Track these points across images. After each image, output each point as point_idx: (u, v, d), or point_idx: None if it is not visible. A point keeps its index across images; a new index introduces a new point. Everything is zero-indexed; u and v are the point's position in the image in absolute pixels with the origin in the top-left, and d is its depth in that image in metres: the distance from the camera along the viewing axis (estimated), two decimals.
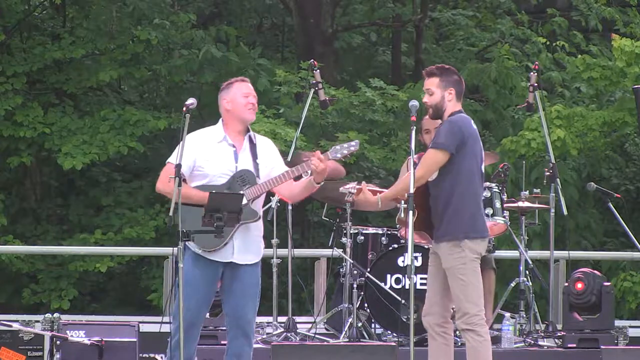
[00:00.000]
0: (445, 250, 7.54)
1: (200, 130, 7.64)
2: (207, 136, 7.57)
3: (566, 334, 9.51)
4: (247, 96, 7.65)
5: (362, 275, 9.50)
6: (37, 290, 16.94)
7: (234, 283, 7.41)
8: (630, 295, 14.81)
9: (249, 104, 7.64)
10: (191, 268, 7.32)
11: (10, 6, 17.25)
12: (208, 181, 7.43)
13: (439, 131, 7.61)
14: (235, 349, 7.46)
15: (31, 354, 9.45)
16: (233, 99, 7.60)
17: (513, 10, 18.53)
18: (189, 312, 7.29)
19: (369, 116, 16.24)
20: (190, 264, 7.33)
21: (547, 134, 10.43)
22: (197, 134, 7.58)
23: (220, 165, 7.47)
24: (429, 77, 7.67)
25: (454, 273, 7.51)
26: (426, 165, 7.51)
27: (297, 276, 10.19)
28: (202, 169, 7.45)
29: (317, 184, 7.45)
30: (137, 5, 17.14)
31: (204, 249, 7.35)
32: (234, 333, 7.45)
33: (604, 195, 9.93)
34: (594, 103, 15.98)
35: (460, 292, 7.49)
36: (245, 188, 7.43)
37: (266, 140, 7.74)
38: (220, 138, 7.54)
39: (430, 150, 7.56)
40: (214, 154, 7.48)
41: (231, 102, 7.60)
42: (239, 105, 7.60)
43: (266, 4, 20.11)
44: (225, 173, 7.44)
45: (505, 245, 12.37)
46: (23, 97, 16.79)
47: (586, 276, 9.66)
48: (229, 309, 7.45)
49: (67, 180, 18.35)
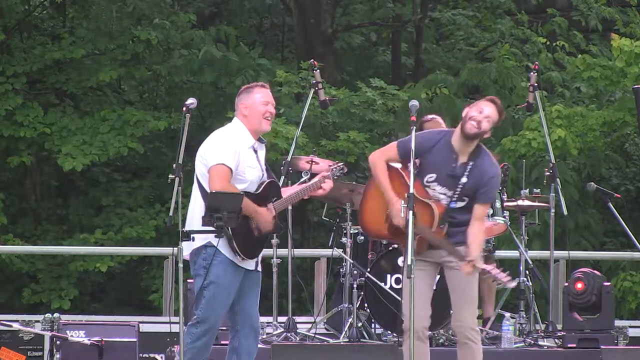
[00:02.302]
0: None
1: (231, 130, 7.41)
2: (241, 140, 7.36)
3: (566, 334, 9.50)
4: (267, 104, 7.43)
5: (362, 275, 9.50)
6: (37, 290, 16.94)
7: (251, 287, 7.44)
8: (630, 295, 14.81)
9: (268, 112, 7.42)
10: (223, 273, 7.28)
11: (10, 6, 17.26)
12: (247, 187, 7.32)
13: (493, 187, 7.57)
14: (247, 347, 7.47)
15: (31, 354, 9.46)
16: (252, 106, 7.41)
17: (513, 10, 18.52)
18: (220, 318, 7.34)
19: (369, 116, 16.24)
20: (222, 269, 7.26)
21: (547, 134, 10.43)
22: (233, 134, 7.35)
23: (255, 172, 7.38)
24: (496, 109, 7.67)
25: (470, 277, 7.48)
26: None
27: (297, 276, 10.18)
28: (244, 174, 7.32)
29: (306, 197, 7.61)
30: (137, 5, 17.14)
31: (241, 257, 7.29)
32: (246, 332, 7.45)
33: (604, 195, 9.93)
34: (594, 103, 15.98)
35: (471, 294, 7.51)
36: (273, 200, 7.41)
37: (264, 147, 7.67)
38: (250, 143, 7.40)
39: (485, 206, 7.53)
40: (250, 160, 7.37)
41: (249, 108, 7.41)
42: (257, 113, 7.39)
43: (266, 4, 20.11)
44: (256, 181, 7.38)
45: (505, 245, 12.37)
46: (23, 97, 16.80)
47: (586, 276, 9.65)
48: (242, 309, 7.44)
49: (67, 180, 18.35)
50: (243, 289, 7.41)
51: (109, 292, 18.47)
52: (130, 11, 17.26)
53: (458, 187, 7.44)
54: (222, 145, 7.24)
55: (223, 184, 7.15)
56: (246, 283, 7.41)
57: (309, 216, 18.07)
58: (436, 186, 7.48)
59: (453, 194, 7.46)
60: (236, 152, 7.24)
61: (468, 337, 7.49)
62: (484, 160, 7.52)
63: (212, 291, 7.24)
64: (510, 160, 14.29)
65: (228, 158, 7.20)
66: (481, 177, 7.45)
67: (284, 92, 16.26)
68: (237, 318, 7.47)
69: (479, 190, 7.45)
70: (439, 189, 7.48)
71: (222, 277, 7.26)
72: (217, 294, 7.24)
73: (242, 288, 7.41)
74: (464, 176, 7.44)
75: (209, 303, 7.25)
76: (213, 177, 7.13)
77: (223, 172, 7.18)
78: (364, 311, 9.65)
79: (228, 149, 7.21)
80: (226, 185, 7.16)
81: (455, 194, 7.45)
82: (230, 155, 7.21)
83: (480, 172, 7.46)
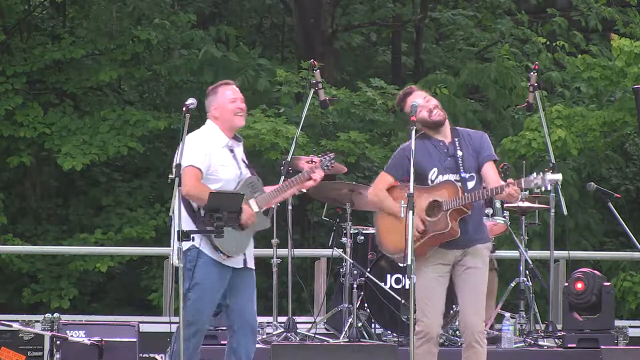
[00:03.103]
0: (482, 252, 7.55)
1: (201, 132, 7.51)
2: (214, 140, 7.44)
3: (566, 334, 9.50)
4: (234, 101, 7.48)
5: (362, 275, 9.50)
6: (37, 290, 16.94)
7: (243, 285, 7.45)
8: (630, 295, 14.81)
9: (237, 108, 7.47)
10: (208, 274, 7.30)
11: (10, 6, 17.26)
12: (222, 186, 7.36)
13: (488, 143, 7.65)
14: (246, 347, 7.47)
15: (31, 354, 9.45)
16: (220, 106, 7.47)
17: (513, 10, 18.52)
18: (207, 318, 7.35)
19: (370, 116, 16.25)
20: (206, 270, 7.30)
21: (547, 134, 10.42)
22: (204, 136, 7.45)
23: (231, 170, 7.41)
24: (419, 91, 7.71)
25: (484, 277, 7.52)
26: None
27: (297, 276, 10.18)
28: (217, 173, 7.37)
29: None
30: (137, 5, 17.14)
31: (225, 255, 7.30)
32: (244, 332, 7.45)
33: (604, 195, 9.92)
34: (594, 103, 15.98)
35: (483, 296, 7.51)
36: (255, 195, 7.42)
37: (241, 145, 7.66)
38: (224, 142, 7.46)
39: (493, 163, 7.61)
40: (224, 158, 7.42)
41: (218, 108, 7.48)
42: (227, 112, 7.45)
43: (266, 4, 20.11)
44: (234, 179, 7.39)
45: (505, 245, 12.37)
46: (23, 97, 16.79)
47: (586, 276, 9.65)
48: (237, 308, 7.44)
49: (67, 180, 18.35)
50: (236, 288, 7.42)
51: (109, 292, 18.47)
52: (130, 11, 17.25)
53: (459, 163, 7.51)
54: (192, 147, 7.29)
55: (193, 184, 7.22)
56: (238, 282, 7.42)
57: (309, 216, 18.07)
58: (442, 178, 7.53)
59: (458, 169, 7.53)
60: (206, 154, 7.31)
61: (477, 339, 7.43)
62: (465, 131, 7.71)
63: (197, 293, 7.27)
64: (510, 160, 14.28)
65: (197, 159, 7.27)
66: (472, 142, 7.59)
67: (284, 92, 16.27)
68: (233, 318, 7.47)
69: (480, 153, 7.57)
70: (446, 178, 7.52)
71: (207, 278, 7.28)
72: (203, 295, 7.27)
73: (235, 287, 7.41)
74: (458, 150, 7.54)
75: (195, 305, 7.27)
76: (183, 178, 7.16)
77: (192, 173, 7.25)
78: (364, 311, 9.65)
79: (197, 151, 7.28)
80: (196, 184, 7.23)
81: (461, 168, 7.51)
82: (199, 157, 7.28)
83: (468, 138, 7.62)
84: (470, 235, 7.48)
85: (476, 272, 7.48)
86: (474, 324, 7.44)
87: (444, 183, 7.49)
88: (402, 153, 7.61)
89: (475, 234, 7.52)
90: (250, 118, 15.41)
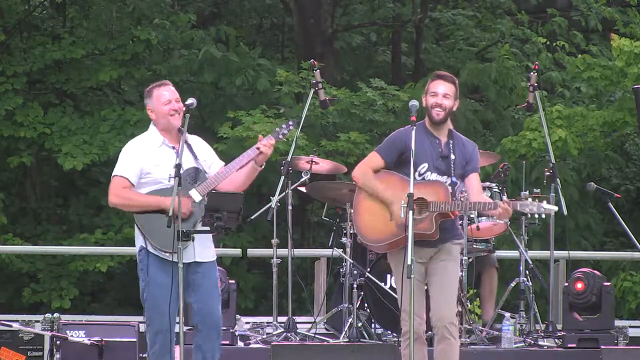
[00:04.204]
0: (456, 250, 7.62)
1: (137, 138, 7.65)
2: (146, 142, 7.53)
3: (566, 334, 9.50)
4: (168, 103, 7.50)
5: (362, 275, 9.50)
6: (38, 290, 16.94)
7: (200, 280, 7.37)
8: (630, 295, 14.81)
9: (171, 110, 7.49)
10: (156, 273, 7.33)
11: (10, 6, 17.26)
12: (159, 186, 7.38)
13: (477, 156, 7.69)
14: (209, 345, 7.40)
15: (31, 354, 9.45)
16: (155, 109, 7.55)
17: (513, 10, 18.53)
18: (164, 317, 7.30)
19: (370, 116, 16.24)
20: (154, 269, 7.33)
21: (547, 134, 10.42)
22: (137, 142, 7.58)
23: (167, 168, 7.39)
24: (448, 82, 7.67)
25: (456, 271, 7.58)
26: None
27: (297, 276, 10.18)
28: (151, 174, 7.41)
29: (260, 166, 7.46)
30: (137, 5, 17.14)
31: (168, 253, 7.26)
32: (206, 330, 7.38)
33: (604, 195, 9.93)
34: (594, 103, 15.98)
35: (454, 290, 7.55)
36: (196, 185, 7.37)
37: (198, 139, 7.64)
38: (160, 142, 7.50)
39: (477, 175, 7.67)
40: (158, 158, 7.44)
41: (154, 111, 7.55)
42: (162, 114, 7.50)
43: (266, 4, 20.11)
44: (172, 175, 7.32)
45: (506, 245, 12.37)
46: (23, 97, 16.79)
47: (586, 276, 9.65)
48: (199, 307, 7.35)
49: (67, 180, 18.34)
50: (194, 284, 7.33)
51: (109, 292, 18.46)
52: (130, 11, 17.26)
53: (451, 166, 7.53)
54: (121, 156, 7.53)
55: (115, 193, 7.46)
56: (194, 277, 7.33)
57: (309, 216, 18.07)
58: (430, 175, 7.55)
59: (450, 173, 7.55)
60: (135, 161, 7.43)
61: (450, 332, 7.48)
62: (460, 137, 7.73)
63: (149, 292, 7.33)
64: (511, 160, 14.28)
65: (123, 169, 7.46)
66: (465, 150, 7.62)
67: (284, 92, 16.26)
68: (196, 317, 7.38)
69: (468, 164, 7.61)
70: (434, 176, 7.55)
71: (155, 276, 7.32)
72: (154, 294, 7.30)
73: (193, 284, 7.33)
74: (452, 153, 7.57)
75: (149, 305, 7.33)
76: (109, 189, 7.49)
77: (115, 183, 7.49)
78: (364, 311, 9.65)
79: (124, 160, 7.49)
80: (118, 193, 7.45)
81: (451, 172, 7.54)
82: (126, 166, 7.45)
83: (462, 146, 7.64)
84: (443, 235, 7.53)
85: (447, 267, 7.54)
86: (445, 317, 7.47)
87: (434, 183, 7.50)
88: (397, 136, 7.64)
89: (448, 233, 7.57)
90: (250, 118, 15.41)
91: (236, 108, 16.13)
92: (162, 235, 7.21)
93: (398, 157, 7.57)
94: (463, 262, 9.55)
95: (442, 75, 7.75)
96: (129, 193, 7.40)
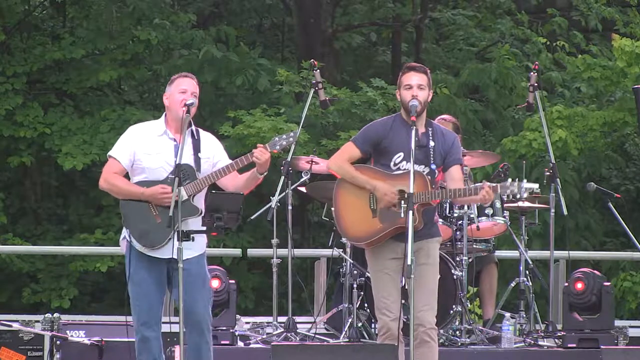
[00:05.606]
0: (434, 247, 7.58)
1: (143, 123, 7.62)
2: (148, 130, 7.48)
3: (566, 334, 9.49)
4: (185, 92, 7.42)
5: (362, 275, 9.50)
6: (37, 290, 16.94)
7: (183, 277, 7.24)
8: (630, 295, 14.81)
9: (184, 100, 7.39)
10: (138, 268, 7.30)
11: (10, 6, 17.26)
12: (146, 176, 7.36)
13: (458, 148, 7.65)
14: (195, 344, 7.33)
15: (31, 354, 9.44)
16: (170, 96, 7.46)
17: (513, 10, 18.53)
18: (143, 313, 7.29)
19: (370, 116, 16.23)
20: (135, 263, 7.30)
21: (547, 134, 10.41)
22: (139, 127, 7.54)
23: (159, 159, 7.36)
24: (420, 73, 7.65)
25: (435, 273, 7.54)
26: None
27: (297, 276, 10.17)
28: (140, 162, 7.38)
29: (260, 174, 7.39)
30: (137, 5, 17.14)
31: (147, 247, 7.28)
32: (189, 330, 7.30)
33: (604, 195, 9.93)
34: (594, 103, 15.99)
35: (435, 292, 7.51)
36: (185, 183, 7.29)
37: (209, 136, 7.59)
38: (161, 132, 7.44)
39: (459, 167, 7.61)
40: (153, 147, 7.39)
41: (169, 98, 7.46)
42: (175, 102, 7.41)
43: (266, 4, 20.11)
44: (163, 167, 7.33)
45: (505, 245, 12.37)
46: (23, 97, 16.80)
47: (586, 276, 9.65)
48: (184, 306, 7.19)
49: (67, 180, 18.35)
50: (174, 282, 7.22)
51: (108, 292, 18.46)
52: (130, 11, 17.25)
53: (430, 153, 7.50)
54: (120, 139, 7.47)
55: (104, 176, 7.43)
56: (175, 274, 7.17)
57: (309, 216, 18.07)
58: (406, 164, 7.48)
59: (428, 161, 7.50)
60: (130, 146, 7.39)
61: (430, 335, 7.46)
62: (440, 127, 7.70)
63: (131, 287, 7.32)
64: (511, 160, 14.28)
65: (117, 151, 7.41)
66: (444, 140, 7.58)
67: (285, 92, 16.27)
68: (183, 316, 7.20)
69: (448, 155, 7.56)
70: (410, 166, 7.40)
71: (137, 271, 7.31)
72: (136, 290, 7.29)
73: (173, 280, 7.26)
74: (431, 140, 7.53)
75: (132, 300, 7.31)
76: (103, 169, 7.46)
77: (107, 166, 7.47)
78: (364, 311, 9.64)
79: (121, 143, 7.44)
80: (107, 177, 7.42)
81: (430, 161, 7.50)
82: (121, 149, 7.41)
83: (441, 135, 7.60)
84: (422, 229, 7.45)
85: (427, 269, 7.49)
86: (425, 320, 7.45)
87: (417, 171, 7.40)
88: (373, 127, 7.61)
89: (426, 228, 7.51)
90: (251, 117, 15.41)
91: (236, 108, 16.14)
92: (144, 228, 7.26)
93: (373, 148, 7.53)
94: (463, 262, 9.56)
95: (413, 66, 7.72)
96: (116, 179, 7.39)
